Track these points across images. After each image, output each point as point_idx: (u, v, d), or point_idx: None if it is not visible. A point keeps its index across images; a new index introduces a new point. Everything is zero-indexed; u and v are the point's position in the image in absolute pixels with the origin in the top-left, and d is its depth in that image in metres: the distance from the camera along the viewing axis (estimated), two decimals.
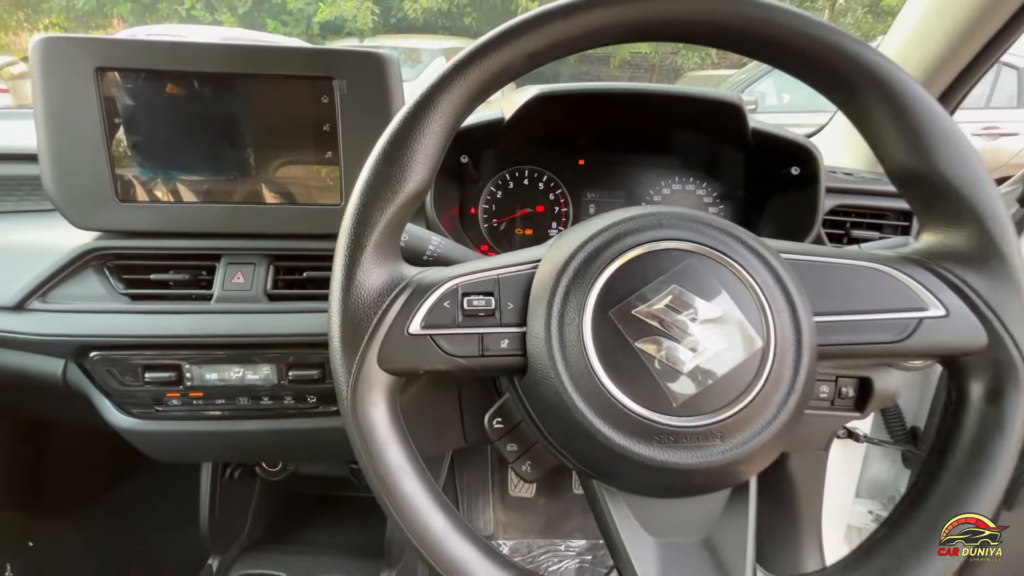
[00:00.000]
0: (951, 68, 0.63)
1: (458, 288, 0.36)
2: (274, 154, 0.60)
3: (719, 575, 0.33)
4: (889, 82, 0.34)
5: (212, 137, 0.59)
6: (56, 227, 0.64)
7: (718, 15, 0.34)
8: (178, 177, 0.60)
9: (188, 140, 0.59)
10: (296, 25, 7.83)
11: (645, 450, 0.32)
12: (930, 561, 0.33)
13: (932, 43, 0.63)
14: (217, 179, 0.60)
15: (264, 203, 0.61)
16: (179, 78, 0.56)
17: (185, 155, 0.59)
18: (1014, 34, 0.58)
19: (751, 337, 0.33)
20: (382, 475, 0.34)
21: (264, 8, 7.74)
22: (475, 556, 0.33)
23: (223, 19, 7.45)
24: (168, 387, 0.60)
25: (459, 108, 0.36)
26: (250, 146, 0.60)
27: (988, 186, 0.34)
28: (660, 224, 0.36)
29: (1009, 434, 0.33)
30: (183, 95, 0.57)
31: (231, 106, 0.58)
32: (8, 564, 1.03)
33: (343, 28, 7.57)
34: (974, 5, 0.57)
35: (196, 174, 0.60)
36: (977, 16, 0.57)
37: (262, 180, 0.61)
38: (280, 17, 7.83)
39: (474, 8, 8.12)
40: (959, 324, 0.34)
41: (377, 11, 7.55)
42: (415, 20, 7.85)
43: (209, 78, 0.56)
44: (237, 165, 0.60)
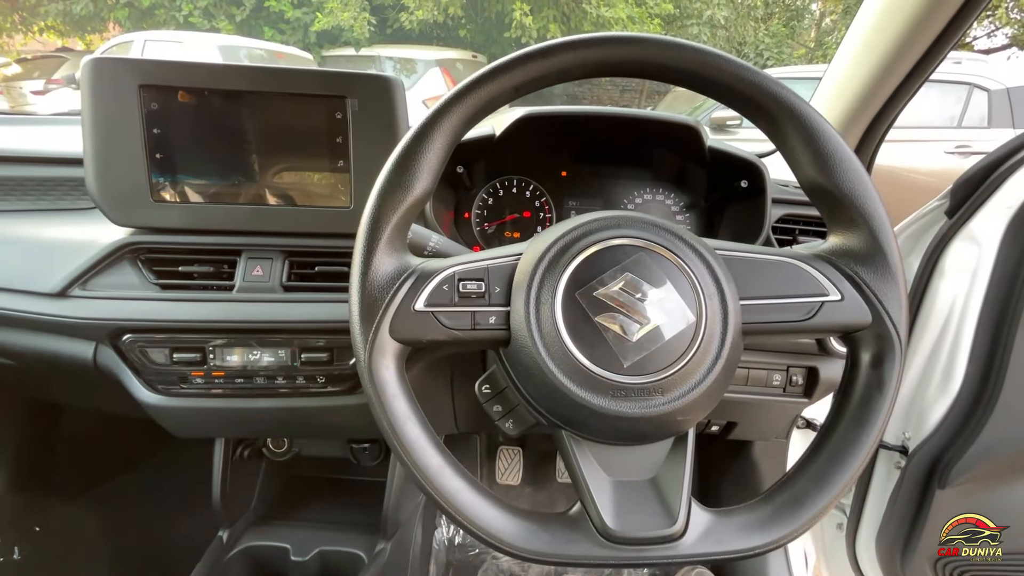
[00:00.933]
0: (875, 102, 0.75)
1: (455, 274, 0.44)
2: (292, 162, 0.68)
3: (661, 506, 0.42)
4: (800, 115, 0.43)
5: (238, 146, 0.67)
6: (90, 224, 0.72)
7: (663, 59, 0.44)
8: (206, 180, 0.67)
9: (217, 148, 0.66)
10: (293, 34, 7.91)
11: (602, 402, 0.40)
12: (825, 492, 0.42)
13: (858, 82, 0.74)
14: (241, 183, 0.68)
15: (282, 205, 0.69)
16: (212, 95, 0.64)
17: (213, 161, 0.67)
18: (925, 72, 0.69)
19: (687, 314, 0.42)
20: (391, 421, 0.41)
21: (261, 16, 7.82)
22: (464, 488, 0.42)
23: (220, 26, 7.51)
24: (193, 367, 0.67)
25: (458, 128, 0.45)
26: (271, 154, 0.68)
27: (875, 199, 0.43)
28: (618, 225, 0.44)
29: (887, 390, 0.42)
30: (214, 109, 0.65)
31: (256, 120, 0.66)
32: (16, 547, 1.08)
33: (340, 37, 7.66)
34: (887, 52, 0.68)
35: (222, 178, 0.67)
36: (892, 59, 0.69)
37: (281, 184, 0.69)
38: (277, 25, 7.91)
39: (469, 21, 8.27)
40: (851, 307, 0.43)
41: (374, 21, 7.66)
42: (411, 31, 7.97)
43: (238, 95, 0.64)
44: (259, 171, 0.68)
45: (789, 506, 0.42)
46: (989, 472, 0.83)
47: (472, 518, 0.41)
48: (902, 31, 0.67)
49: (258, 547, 0.88)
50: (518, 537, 0.41)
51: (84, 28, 8.50)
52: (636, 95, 8.79)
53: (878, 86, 0.73)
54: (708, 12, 8.77)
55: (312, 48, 7.71)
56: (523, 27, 7.58)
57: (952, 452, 0.83)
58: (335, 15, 7.35)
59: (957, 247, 0.82)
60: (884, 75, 0.71)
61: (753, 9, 9.80)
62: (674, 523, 0.40)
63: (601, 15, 7.84)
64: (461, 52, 6.94)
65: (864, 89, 0.74)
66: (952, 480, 0.83)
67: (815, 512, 0.41)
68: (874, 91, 0.73)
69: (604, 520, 0.40)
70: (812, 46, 10.88)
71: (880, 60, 0.70)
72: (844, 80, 0.77)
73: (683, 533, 0.40)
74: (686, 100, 5.03)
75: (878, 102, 0.75)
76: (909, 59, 0.68)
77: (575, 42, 0.43)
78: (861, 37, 0.74)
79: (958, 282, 0.82)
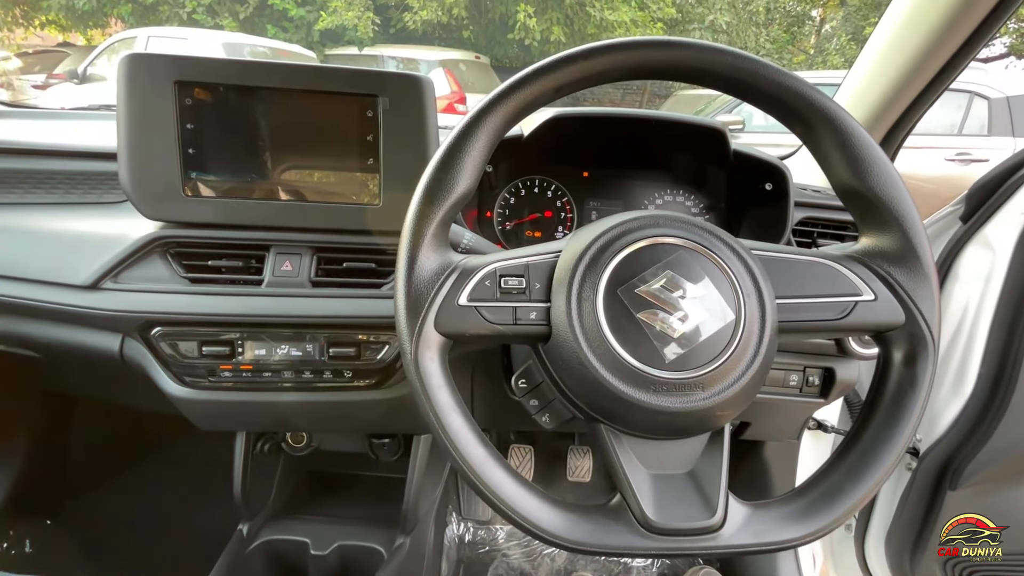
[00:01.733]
0: (899, 105, 0.76)
1: (496, 271, 0.45)
2: (323, 159, 0.69)
3: (700, 498, 0.43)
4: (835, 119, 0.44)
5: (269, 142, 0.67)
6: (121, 217, 0.72)
7: (703, 63, 0.45)
8: (236, 176, 0.68)
9: (248, 145, 0.67)
10: (296, 32, 7.92)
11: (643, 396, 0.41)
12: (860, 487, 0.43)
13: (883, 84, 0.76)
14: (270, 178, 0.68)
15: (311, 201, 0.70)
16: (245, 91, 0.65)
17: (244, 157, 0.67)
18: (949, 77, 0.71)
19: (726, 312, 0.43)
20: (436, 411, 0.42)
21: (265, 14, 7.82)
22: (507, 479, 0.42)
23: (224, 23, 7.51)
24: (222, 360, 0.68)
25: (499, 128, 0.46)
26: (301, 151, 0.68)
27: (908, 201, 0.45)
28: (658, 224, 0.45)
29: (920, 388, 0.43)
30: (247, 106, 0.65)
31: (288, 116, 0.66)
32: (28, 540, 1.08)
33: (343, 36, 7.67)
34: (914, 55, 0.70)
35: (253, 174, 0.68)
36: (919, 62, 0.70)
37: (310, 181, 0.69)
38: (281, 23, 7.91)
39: (472, 22, 8.29)
40: (884, 306, 0.44)
41: (378, 21, 7.68)
42: (414, 31, 8.00)
43: (271, 92, 0.65)
44: (289, 167, 0.68)
45: (824, 499, 0.43)
46: (1000, 474, 0.84)
47: (516, 508, 0.41)
48: (930, 36, 0.68)
49: (278, 541, 0.89)
50: (560, 527, 0.41)
51: (86, 23, 8.48)
52: (638, 97, 8.82)
53: (902, 90, 0.74)
54: (710, 17, 8.82)
55: (315, 47, 7.71)
56: (527, 29, 7.61)
57: (964, 454, 0.85)
58: (339, 14, 7.37)
59: (971, 252, 0.84)
60: (909, 79, 0.72)
61: (755, 15, 9.85)
62: (713, 515, 0.41)
63: (604, 18, 7.87)
64: (464, 53, 6.95)
65: (888, 92, 0.75)
66: (963, 482, 0.85)
67: (850, 505, 0.42)
68: (898, 94, 0.75)
69: (645, 511, 0.41)
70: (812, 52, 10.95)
71: (906, 64, 0.71)
72: (866, 85, 0.79)
73: (722, 524, 0.41)
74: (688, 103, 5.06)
75: (901, 106, 0.76)
76: (935, 64, 0.70)
77: (617, 45, 0.44)
78: (887, 40, 0.75)
79: (972, 286, 0.84)
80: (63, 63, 6.08)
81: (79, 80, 4.85)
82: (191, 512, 1.09)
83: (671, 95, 7.14)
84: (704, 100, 4.76)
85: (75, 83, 4.86)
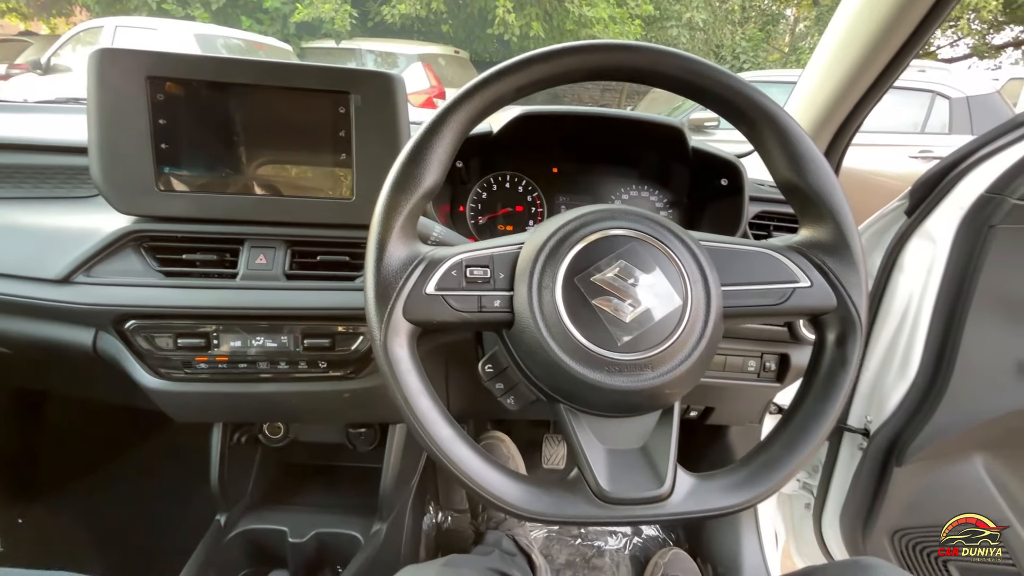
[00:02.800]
0: (847, 103, 0.82)
1: (462, 261, 0.48)
2: (296, 154, 0.70)
3: (651, 470, 0.46)
4: (776, 119, 0.48)
5: (242, 138, 0.68)
6: (92, 212, 0.72)
7: (657, 66, 0.48)
8: (210, 171, 0.69)
9: (221, 140, 0.68)
10: (271, 24, 7.75)
11: (598, 377, 0.44)
12: (795, 457, 0.47)
13: (832, 85, 0.81)
14: (244, 173, 0.69)
15: (285, 195, 0.71)
16: (218, 87, 0.66)
17: (217, 152, 0.68)
18: (892, 77, 0.76)
19: (674, 298, 0.46)
20: (405, 394, 0.45)
21: (239, 5, 7.64)
22: (472, 456, 0.45)
23: (196, 14, 7.31)
24: (198, 352, 0.69)
25: (464, 125, 0.48)
26: (275, 147, 0.70)
27: (841, 196, 0.49)
28: (613, 217, 0.49)
29: (849, 366, 0.47)
30: (220, 102, 0.66)
31: (261, 113, 0.67)
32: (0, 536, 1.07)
33: (320, 29, 7.55)
34: (859, 57, 0.75)
35: (226, 169, 0.69)
36: (863, 63, 0.75)
37: (284, 176, 0.71)
38: (255, 15, 7.74)
39: (451, 16, 8.24)
40: (819, 292, 0.48)
41: (355, 14, 7.57)
42: (393, 24, 7.90)
43: (245, 88, 0.66)
44: (263, 162, 0.70)
45: (763, 469, 0.47)
46: (941, 450, 0.90)
47: (481, 483, 0.44)
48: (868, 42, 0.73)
49: (256, 530, 0.90)
50: (523, 500, 0.44)
51: (48, 11, 8.18)
52: (616, 95, 8.90)
53: (846, 93, 0.79)
54: (687, 15, 8.93)
55: (291, 40, 7.56)
56: (506, 24, 7.60)
57: (908, 433, 0.91)
58: (315, 6, 7.25)
59: (915, 244, 0.89)
60: (852, 83, 0.78)
61: (731, 13, 10.02)
62: (662, 485, 0.45)
63: (583, 14, 7.91)
64: (443, 47, 6.91)
65: (834, 96, 0.81)
66: (908, 458, 0.91)
67: (786, 474, 0.46)
68: (843, 98, 0.80)
69: (600, 483, 0.44)
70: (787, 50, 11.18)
71: (848, 69, 0.77)
72: (816, 87, 0.84)
73: (670, 494, 0.45)
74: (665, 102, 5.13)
75: (846, 108, 0.81)
76: (874, 68, 0.75)
77: (575, 48, 0.47)
78: (831, 48, 0.80)
79: (915, 277, 0.89)
80: (25, 53, 5.85)
81: (43, 71, 4.68)
82: (169, 506, 1.09)
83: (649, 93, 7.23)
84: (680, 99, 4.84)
85: (39, 74, 4.68)
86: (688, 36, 9.04)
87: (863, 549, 1.00)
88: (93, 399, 0.98)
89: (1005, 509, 0.90)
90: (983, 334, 0.84)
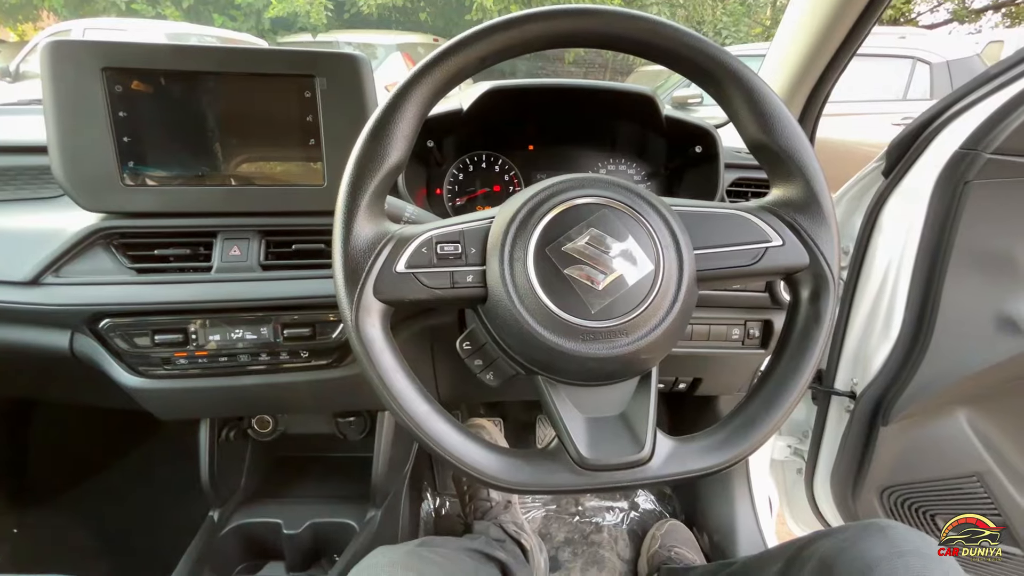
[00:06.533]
0: (815, 69, 0.81)
1: (432, 238, 0.47)
2: (263, 142, 0.69)
3: (630, 436, 0.46)
4: (743, 78, 0.48)
5: (208, 127, 0.67)
6: (58, 211, 0.71)
7: (620, 29, 0.47)
8: (177, 163, 0.67)
9: (186, 130, 0.66)
10: (245, 20, 7.61)
11: (573, 345, 0.44)
12: (773, 414, 0.47)
13: (800, 51, 0.81)
14: (212, 164, 0.68)
15: (255, 185, 0.70)
16: (178, 76, 0.64)
17: (184, 144, 0.67)
18: (857, 41, 0.76)
19: (646, 263, 0.46)
20: (379, 373, 0.44)
21: (210, 2, 7.49)
22: (451, 430, 0.45)
23: (167, 13, 7.16)
24: (176, 348, 0.68)
25: (427, 99, 0.47)
26: (242, 135, 0.68)
27: (810, 153, 0.48)
28: (583, 185, 0.48)
29: (823, 322, 0.48)
30: (183, 90, 0.65)
31: (224, 101, 0.66)
32: None
33: (295, 23, 7.42)
34: (824, 21, 0.75)
35: (194, 160, 0.68)
36: (828, 28, 0.75)
37: (253, 165, 0.69)
38: (228, 12, 7.59)
39: (429, 4, 8.12)
40: (791, 250, 0.48)
41: (331, 6, 7.44)
42: (369, 15, 7.78)
43: (207, 76, 0.64)
44: (231, 152, 0.68)
45: (742, 429, 0.47)
46: (925, 408, 0.91)
47: (461, 457, 0.44)
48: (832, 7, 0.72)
49: (250, 524, 0.90)
50: (503, 471, 0.44)
51: (15, 17, 7.96)
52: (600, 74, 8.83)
53: (814, 59, 0.79)
54: None
55: (266, 35, 7.44)
56: (484, 9, 7.50)
57: (893, 392, 0.92)
58: (289, 0, 7.11)
59: (893, 205, 0.89)
60: (818, 48, 0.77)
61: None
62: (642, 449, 0.45)
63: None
64: (422, 36, 6.81)
65: (802, 62, 0.80)
66: (893, 417, 0.92)
67: (765, 432, 0.46)
68: (811, 64, 0.80)
69: (580, 451, 0.44)
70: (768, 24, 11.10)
71: (814, 35, 0.76)
72: (784, 56, 0.83)
73: (650, 458, 0.45)
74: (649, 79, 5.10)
75: (815, 74, 0.81)
76: (839, 33, 0.74)
77: (536, 14, 0.46)
78: (797, 15, 0.79)
79: (895, 237, 0.89)
80: None
81: (12, 79, 4.58)
82: (163, 506, 1.09)
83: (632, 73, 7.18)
84: (664, 75, 4.81)
85: (8, 81, 4.58)
86: (669, 12, 8.96)
87: (854, 509, 1.02)
88: (79, 403, 0.97)
89: (988, 460, 0.92)
90: (962, 291, 0.84)
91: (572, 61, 9.01)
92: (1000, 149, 0.75)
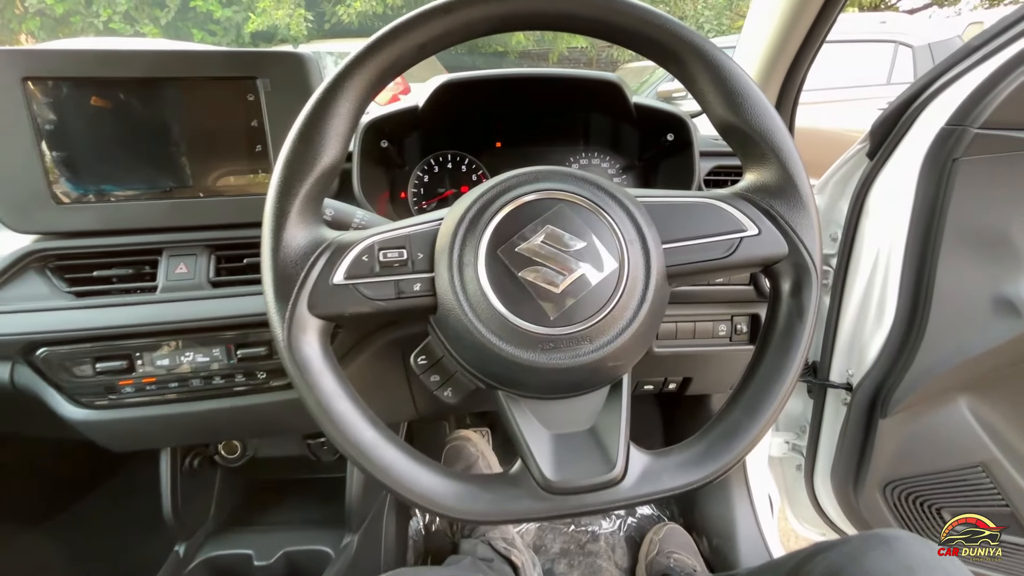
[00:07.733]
0: (786, 54, 0.78)
1: (374, 244, 0.43)
2: (207, 150, 0.65)
3: (600, 453, 0.42)
4: (707, 55, 0.43)
5: (146, 137, 0.62)
6: None
7: (571, 8, 0.43)
8: (114, 177, 0.63)
9: (121, 142, 0.62)
10: (225, 35, 7.56)
11: (532, 356, 0.40)
12: (757, 421, 0.42)
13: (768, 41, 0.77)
14: (153, 176, 0.64)
15: (201, 196, 0.65)
16: (107, 84, 0.60)
17: (119, 156, 0.63)
18: (825, 26, 0.73)
19: (609, 261, 0.41)
20: (318, 399, 0.40)
21: (188, 18, 7.43)
22: (400, 458, 0.41)
23: (145, 31, 7.10)
24: (120, 375, 0.64)
25: (361, 93, 0.43)
26: (183, 144, 0.64)
27: (784, 133, 0.44)
28: (537, 179, 0.44)
29: (806, 316, 0.43)
30: (113, 100, 0.60)
31: (161, 109, 0.62)
32: None
33: (276, 36, 7.37)
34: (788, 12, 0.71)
35: (132, 173, 0.63)
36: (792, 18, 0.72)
37: (198, 176, 0.65)
38: (207, 27, 7.53)
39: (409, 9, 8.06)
40: (768, 239, 0.44)
41: (310, 17, 7.40)
42: (350, 24, 7.73)
43: (137, 83, 0.60)
44: (172, 162, 0.64)
45: (723, 439, 0.43)
46: (925, 397, 0.87)
47: (410, 487, 0.40)
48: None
49: (219, 556, 0.85)
50: (458, 501, 0.40)
51: None
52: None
53: (784, 43, 0.75)
54: None
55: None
56: None
57: (890, 382, 0.88)
58: (268, 14, 7.07)
59: (880, 187, 0.85)
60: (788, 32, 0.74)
61: None
62: (613, 468, 0.40)
63: None
64: None
65: (774, 46, 0.77)
66: (892, 408, 0.88)
67: (748, 441, 0.42)
68: (782, 48, 0.76)
69: (544, 473, 0.40)
70: None
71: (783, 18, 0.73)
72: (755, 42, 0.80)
73: (622, 477, 0.41)
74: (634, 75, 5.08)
75: (787, 59, 0.77)
76: (808, 15, 0.71)
77: None
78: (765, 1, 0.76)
79: (883, 221, 0.86)
80: None
81: None
82: (128, 542, 1.03)
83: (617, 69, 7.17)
84: (648, 71, 4.78)
85: None
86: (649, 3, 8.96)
87: (856, 505, 0.98)
88: (31, 437, 0.91)
89: (993, 449, 0.88)
90: (956, 273, 0.81)
91: (556, 61, 8.99)
92: (988, 123, 0.72)
